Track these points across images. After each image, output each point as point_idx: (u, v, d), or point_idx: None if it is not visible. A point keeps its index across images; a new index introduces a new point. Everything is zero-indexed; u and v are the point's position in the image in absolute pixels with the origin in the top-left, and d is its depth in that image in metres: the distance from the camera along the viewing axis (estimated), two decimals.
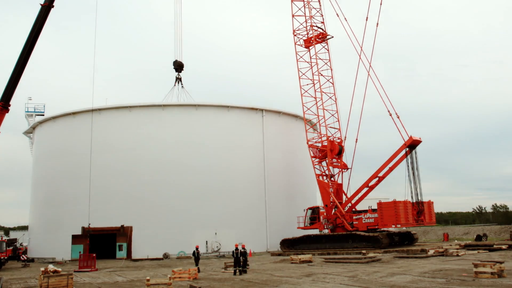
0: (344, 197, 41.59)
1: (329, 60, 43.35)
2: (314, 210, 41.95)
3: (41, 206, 46.55)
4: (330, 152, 41.19)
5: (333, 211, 40.15)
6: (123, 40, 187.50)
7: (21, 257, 39.58)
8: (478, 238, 44.34)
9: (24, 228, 67.83)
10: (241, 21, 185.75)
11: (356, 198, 39.84)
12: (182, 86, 47.23)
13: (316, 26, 43.58)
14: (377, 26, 40.55)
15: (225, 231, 41.52)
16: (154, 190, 41.34)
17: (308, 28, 43.50)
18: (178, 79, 47.24)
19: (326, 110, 42.16)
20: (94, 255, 31.65)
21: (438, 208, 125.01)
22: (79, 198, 40.56)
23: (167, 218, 40.83)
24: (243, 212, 42.79)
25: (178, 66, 46.95)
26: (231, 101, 55.77)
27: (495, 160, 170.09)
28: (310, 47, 43.27)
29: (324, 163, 41.87)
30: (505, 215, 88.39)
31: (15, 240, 49.01)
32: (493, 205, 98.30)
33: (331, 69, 43.19)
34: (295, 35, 44.23)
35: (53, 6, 31.65)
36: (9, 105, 31.43)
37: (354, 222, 39.03)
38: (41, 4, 31.43)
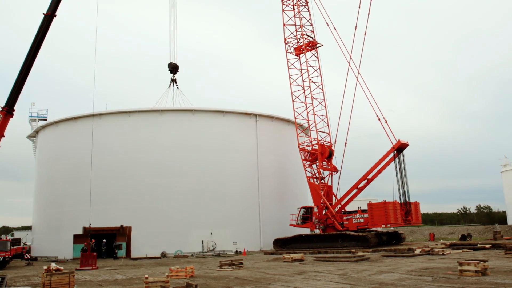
0: (334, 198, 42.66)
1: (319, 67, 44.61)
2: (308, 210, 42.85)
3: (44, 207, 47.28)
4: (321, 155, 42.37)
5: (324, 211, 41.31)
6: (122, 41, 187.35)
7: (24, 256, 40.11)
8: (463, 237, 45.19)
9: (28, 228, 68.38)
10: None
11: (346, 199, 40.91)
12: (177, 87, 48.28)
13: (306, 35, 44.82)
14: (365, 35, 41.99)
15: (220, 231, 42.57)
16: (152, 191, 42.23)
17: (299, 36, 44.79)
18: (173, 81, 48.32)
19: (316, 115, 43.30)
20: (95, 254, 32.28)
21: (424, 209, 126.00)
22: (80, 199, 41.33)
23: (165, 218, 41.73)
24: (237, 212, 43.82)
25: (173, 68, 48.16)
26: (226, 106, 56.64)
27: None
28: (301, 55, 44.47)
29: (314, 166, 43.03)
30: (488, 216, 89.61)
31: (19, 239, 49.56)
32: (477, 206, 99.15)
33: (321, 76, 44.46)
34: (286, 43, 45.48)
35: (55, 16, 32.61)
36: (13, 110, 32.44)
37: (344, 222, 40.14)
38: (44, 14, 32.43)
